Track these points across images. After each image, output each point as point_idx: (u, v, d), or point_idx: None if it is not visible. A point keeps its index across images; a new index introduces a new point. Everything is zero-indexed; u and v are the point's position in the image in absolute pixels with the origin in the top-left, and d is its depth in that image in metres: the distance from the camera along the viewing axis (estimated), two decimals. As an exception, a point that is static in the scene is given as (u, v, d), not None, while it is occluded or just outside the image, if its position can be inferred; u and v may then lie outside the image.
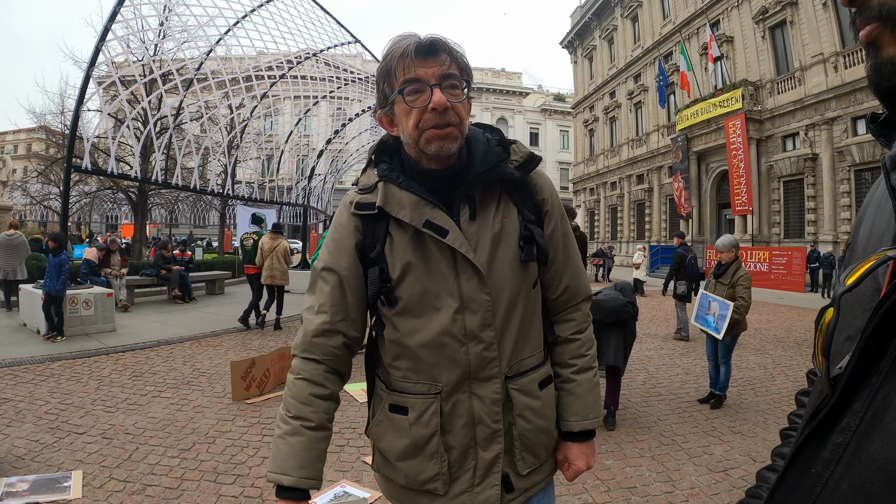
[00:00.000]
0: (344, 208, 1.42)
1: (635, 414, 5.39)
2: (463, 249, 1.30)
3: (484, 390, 1.36)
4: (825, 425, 0.65)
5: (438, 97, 1.25)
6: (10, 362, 7.07)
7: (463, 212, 1.34)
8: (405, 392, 1.38)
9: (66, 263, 8.47)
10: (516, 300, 1.38)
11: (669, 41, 30.80)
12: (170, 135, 13.04)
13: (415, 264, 1.33)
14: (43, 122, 21.68)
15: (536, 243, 1.39)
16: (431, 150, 1.29)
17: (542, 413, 1.43)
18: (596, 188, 41.56)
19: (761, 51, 24.47)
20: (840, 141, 20.65)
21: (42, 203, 27.49)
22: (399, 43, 1.29)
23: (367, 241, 1.38)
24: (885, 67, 0.63)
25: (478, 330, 1.33)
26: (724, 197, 25.86)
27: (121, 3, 9.85)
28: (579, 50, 44.49)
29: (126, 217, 33.02)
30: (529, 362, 1.42)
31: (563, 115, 58.24)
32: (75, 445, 4.34)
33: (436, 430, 1.34)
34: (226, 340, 8.88)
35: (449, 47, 1.30)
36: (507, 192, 1.40)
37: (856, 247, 0.78)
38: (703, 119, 26.09)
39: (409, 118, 1.28)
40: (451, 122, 1.27)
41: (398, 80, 1.28)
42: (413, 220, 1.30)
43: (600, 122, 40.86)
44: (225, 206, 26.80)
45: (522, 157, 1.41)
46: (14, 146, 55.69)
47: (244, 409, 5.40)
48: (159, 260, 13.74)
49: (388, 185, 1.34)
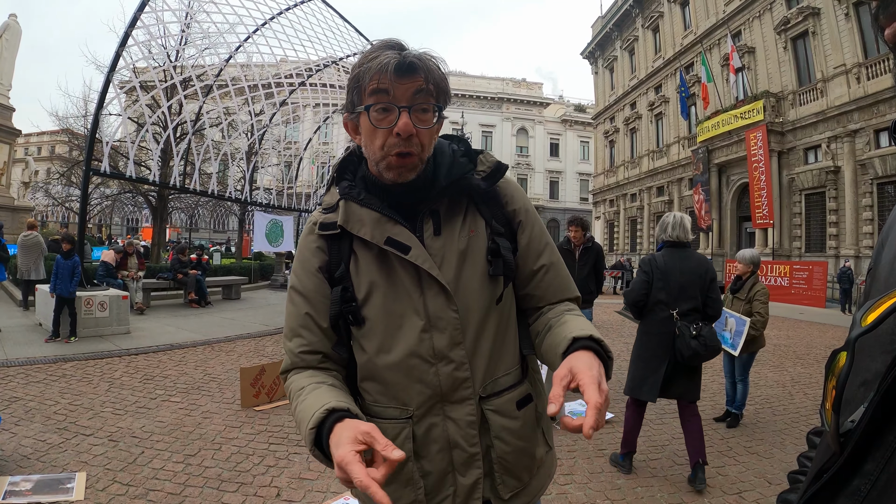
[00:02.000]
0: (308, 229, 1.39)
1: (649, 432, 5.27)
2: (426, 266, 1.25)
3: (457, 412, 1.29)
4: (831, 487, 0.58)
5: (404, 122, 1.19)
6: (24, 361, 7.14)
7: (427, 227, 1.30)
8: (377, 416, 1.32)
9: (79, 266, 8.56)
10: (487, 317, 1.32)
11: (691, 52, 30.70)
12: (189, 140, 13.15)
13: (379, 283, 1.29)
14: (66, 125, 22.00)
15: (503, 257, 1.32)
16: (389, 177, 1.25)
17: (522, 434, 1.35)
18: (616, 200, 41.36)
19: (783, 62, 24.30)
20: (862, 153, 20.42)
21: (64, 204, 27.90)
22: (378, 53, 1.21)
23: (332, 260, 1.34)
24: None
25: (447, 349, 1.27)
26: (745, 210, 25.60)
27: (141, 9, 9.96)
28: (600, 60, 44.48)
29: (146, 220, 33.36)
30: (505, 381, 1.35)
31: (584, 126, 58.20)
32: (81, 447, 4.33)
33: (409, 455, 1.28)
34: (239, 346, 8.88)
35: (428, 67, 1.23)
36: (474, 205, 1.35)
37: (878, 275, 0.70)
38: (724, 131, 25.88)
39: (375, 138, 1.23)
40: (412, 150, 1.22)
41: (367, 92, 1.21)
42: (374, 238, 1.26)
43: (621, 134, 40.75)
44: (244, 211, 27.00)
45: (489, 167, 1.37)
46: (38, 148, 56.73)
47: (252, 416, 5.37)
48: (176, 264, 13.85)
49: (349, 203, 1.30)
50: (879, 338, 0.57)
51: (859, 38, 20.47)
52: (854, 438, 0.55)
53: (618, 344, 10.17)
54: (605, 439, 4.99)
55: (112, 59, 9.82)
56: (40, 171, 31.87)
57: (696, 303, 4.04)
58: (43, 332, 9.11)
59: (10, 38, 17.00)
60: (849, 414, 0.57)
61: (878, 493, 0.51)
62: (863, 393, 0.57)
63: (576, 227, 6.41)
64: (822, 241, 22.30)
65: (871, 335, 0.57)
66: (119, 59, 9.79)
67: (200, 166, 12.77)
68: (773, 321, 6.39)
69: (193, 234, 41.83)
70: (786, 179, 23.83)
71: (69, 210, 29.56)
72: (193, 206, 30.98)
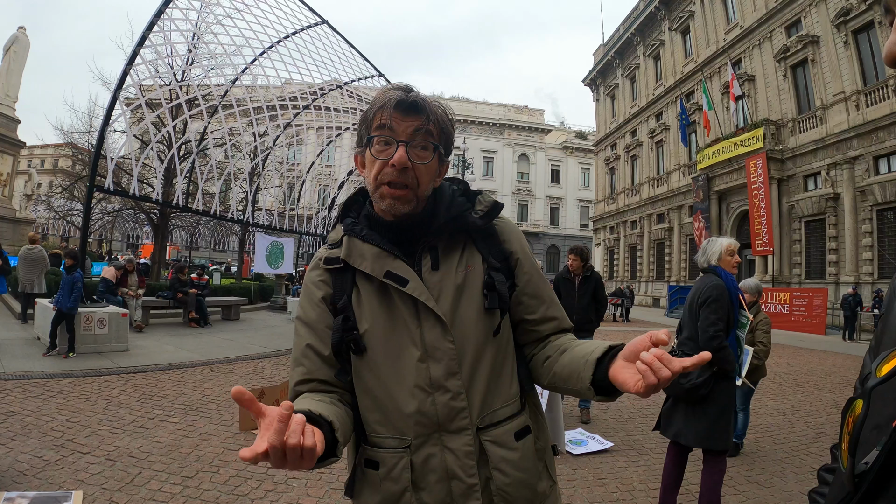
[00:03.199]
0: (313, 264, 1.47)
1: (649, 461, 5.24)
2: (423, 298, 1.31)
3: (455, 443, 1.31)
4: None
5: (399, 154, 1.27)
6: (21, 375, 7.11)
7: (425, 261, 1.36)
8: (377, 446, 1.35)
9: (80, 282, 8.57)
10: (483, 348, 1.35)
11: (691, 80, 31.07)
12: (193, 159, 13.23)
13: (379, 315, 1.34)
14: (70, 139, 22.19)
15: (498, 291, 1.37)
16: (383, 206, 1.33)
17: (521, 465, 1.35)
18: (616, 227, 41.48)
19: (783, 90, 24.59)
20: (862, 180, 20.58)
21: (65, 218, 27.98)
22: (386, 93, 1.32)
23: (335, 292, 1.40)
24: None
25: (443, 379, 1.30)
26: (745, 237, 25.67)
27: (150, 29, 10.09)
28: (601, 88, 44.94)
29: (147, 237, 33.44)
30: (503, 412, 1.37)
31: (585, 153, 58.65)
32: (78, 465, 4.30)
33: (407, 485, 1.30)
34: (238, 368, 8.85)
35: (431, 108, 1.32)
36: (472, 241, 1.42)
37: (890, 322, 0.72)
38: (724, 158, 26.08)
39: (373, 167, 1.32)
40: (407, 183, 1.30)
41: (372, 127, 1.31)
42: (374, 272, 1.33)
43: (621, 161, 41.00)
44: (245, 232, 27.05)
45: (487, 206, 1.44)
46: (41, 160, 56.99)
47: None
48: (176, 283, 13.84)
49: (352, 238, 1.38)
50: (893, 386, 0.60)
51: (858, 66, 20.74)
52: (868, 479, 0.58)
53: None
54: (604, 469, 4.96)
55: (120, 77, 9.92)
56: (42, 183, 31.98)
57: (691, 331, 3.79)
58: (41, 346, 9.09)
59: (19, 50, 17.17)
60: (863, 455, 0.60)
61: None
62: (875, 436, 0.60)
63: (574, 256, 6.44)
64: (822, 268, 22.33)
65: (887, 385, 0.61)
66: (126, 76, 9.90)
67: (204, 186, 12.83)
68: (774, 348, 6.38)
69: (194, 253, 41.86)
70: (785, 207, 23.95)
71: (70, 224, 29.66)
72: (194, 225, 31.03)
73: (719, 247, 3.87)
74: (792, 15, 23.87)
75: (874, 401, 0.62)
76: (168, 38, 11.35)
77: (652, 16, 35.39)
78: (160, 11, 10.25)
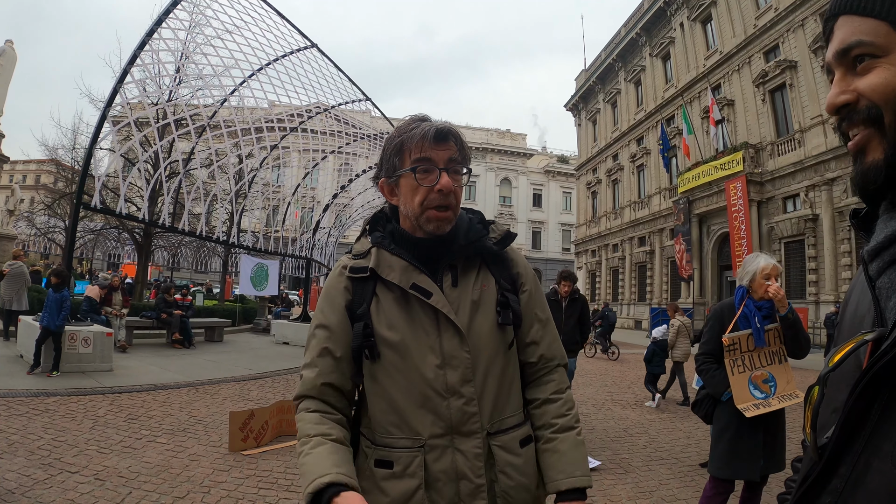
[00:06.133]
0: (337, 272, 1.57)
1: (637, 479, 5.30)
2: (445, 310, 1.43)
3: (466, 445, 1.42)
4: (815, 488, 0.74)
5: (446, 180, 1.42)
6: (5, 393, 7.04)
7: (446, 278, 1.49)
8: (390, 447, 1.43)
9: (68, 300, 8.51)
10: (494, 360, 1.48)
11: (672, 104, 31.59)
12: (180, 180, 13.21)
13: (399, 322, 1.45)
14: (54, 156, 22.01)
15: (512, 309, 1.52)
16: (430, 228, 1.46)
17: (524, 471, 1.47)
18: (598, 250, 41.77)
19: (761, 113, 25.09)
20: (840, 201, 20.97)
21: (46, 235, 27.63)
22: (417, 125, 1.45)
23: (355, 300, 1.50)
24: (871, 172, 0.74)
25: (458, 385, 1.42)
26: (726, 259, 26.00)
27: (141, 48, 10.13)
28: (583, 113, 45.52)
29: (129, 257, 33.03)
30: (511, 421, 1.50)
31: (567, 177, 59.08)
32: (67, 484, 4.26)
33: (420, 483, 1.39)
34: (224, 389, 8.79)
35: (457, 135, 1.48)
36: (485, 264, 1.56)
37: (842, 327, 0.86)
38: (704, 182, 26.46)
39: (416, 195, 1.44)
40: (450, 204, 1.45)
41: (410, 158, 1.44)
42: (401, 282, 1.44)
43: (603, 185, 41.40)
44: (228, 253, 26.88)
45: (501, 234, 1.60)
46: (24, 176, 56.29)
47: (240, 460, 5.31)
48: (161, 303, 13.73)
49: (381, 251, 1.50)
50: (844, 374, 0.73)
51: (836, 89, 21.20)
52: (829, 449, 0.71)
53: (601, 394, 10.26)
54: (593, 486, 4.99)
55: (109, 95, 9.96)
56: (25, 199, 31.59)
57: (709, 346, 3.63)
58: (24, 364, 8.99)
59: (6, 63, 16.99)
60: (824, 433, 0.74)
61: (851, 488, 0.68)
62: (834, 418, 0.73)
63: (567, 282, 6.59)
64: (803, 288, 22.59)
65: (837, 373, 0.74)
66: (116, 95, 9.91)
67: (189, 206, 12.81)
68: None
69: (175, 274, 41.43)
70: (765, 228, 24.30)
71: (51, 241, 29.27)
72: (176, 246, 30.76)
73: (755, 267, 3.61)
74: (770, 41, 24.46)
75: (829, 386, 0.76)
76: (158, 57, 11.39)
77: (633, 42, 36.08)
78: (152, 31, 10.31)
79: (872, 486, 0.65)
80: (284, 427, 6.28)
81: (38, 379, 8.11)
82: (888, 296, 0.72)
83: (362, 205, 23.40)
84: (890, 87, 0.70)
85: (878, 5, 0.71)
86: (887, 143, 0.71)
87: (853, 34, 0.73)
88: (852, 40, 0.73)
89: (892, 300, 0.71)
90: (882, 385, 0.65)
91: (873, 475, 0.65)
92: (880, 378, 0.65)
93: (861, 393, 0.66)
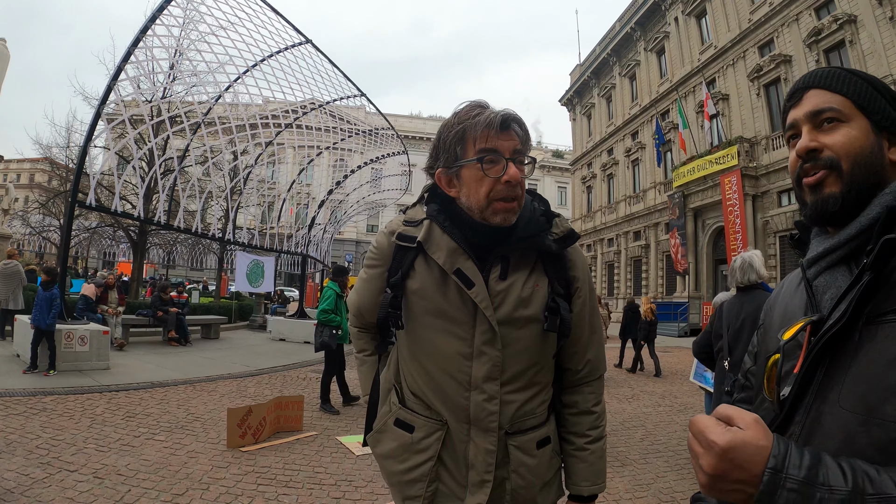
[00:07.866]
0: (384, 235, 1.52)
1: (634, 472, 5.33)
2: (483, 305, 1.36)
3: (481, 439, 1.40)
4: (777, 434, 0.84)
5: (514, 171, 1.35)
6: (2, 392, 7.00)
7: (494, 270, 1.41)
8: (416, 412, 1.45)
9: (58, 298, 8.48)
10: (529, 363, 1.43)
11: (667, 99, 31.57)
12: (174, 177, 13.19)
13: (434, 302, 1.41)
14: (48, 154, 21.94)
15: (561, 317, 1.42)
16: (496, 220, 1.38)
17: (537, 472, 1.46)
18: (593, 245, 41.76)
19: (756, 108, 25.08)
20: (834, 196, 20.95)
21: (41, 234, 27.53)
22: (479, 112, 1.36)
23: (392, 267, 1.47)
24: (829, 200, 0.94)
25: (482, 380, 1.38)
26: (721, 253, 26.05)
27: (135, 45, 10.09)
28: (578, 107, 45.43)
29: (124, 255, 32.91)
30: (530, 422, 1.46)
31: (562, 172, 59.04)
32: (66, 483, 4.26)
33: (433, 455, 1.41)
34: (221, 386, 8.78)
35: (521, 122, 1.39)
36: (542, 262, 1.47)
37: (771, 325, 1.12)
38: (699, 176, 26.46)
39: (482, 186, 1.36)
40: (517, 195, 1.37)
41: (475, 148, 1.36)
42: (445, 265, 1.38)
43: (598, 179, 41.37)
44: (223, 250, 26.82)
45: (563, 232, 1.50)
46: (17, 175, 55.96)
47: (239, 456, 5.31)
48: (157, 301, 13.70)
49: (434, 225, 1.43)
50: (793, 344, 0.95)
51: (829, 83, 21.27)
52: (788, 403, 0.92)
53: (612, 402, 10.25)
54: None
55: (103, 93, 9.91)
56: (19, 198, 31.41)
57: None
58: (20, 363, 8.96)
59: (-2, 62, 16.89)
60: (780, 389, 0.96)
61: (806, 433, 0.88)
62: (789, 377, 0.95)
63: None
64: (798, 281, 22.65)
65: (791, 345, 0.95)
66: (111, 92, 9.87)
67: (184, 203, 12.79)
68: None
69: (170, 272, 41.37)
70: (760, 222, 24.34)
71: (46, 240, 29.18)
72: (171, 243, 30.68)
73: (760, 259, 3.61)
74: (765, 35, 24.50)
75: (786, 354, 0.97)
76: (152, 54, 11.34)
77: (628, 36, 36.02)
78: (146, 27, 10.27)
79: (826, 425, 0.85)
80: (282, 423, 6.29)
81: (35, 378, 8.08)
82: (824, 291, 0.95)
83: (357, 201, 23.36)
84: (848, 144, 0.94)
85: (844, 86, 0.97)
86: (842, 182, 0.93)
87: (826, 102, 0.98)
88: (825, 106, 0.98)
89: (827, 294, 0.94)
90: (825, 352, 0.87)
91: (826, 417, 0.85)
92: (825, 347, 0.86)
93: (812, 361, 0.88)
